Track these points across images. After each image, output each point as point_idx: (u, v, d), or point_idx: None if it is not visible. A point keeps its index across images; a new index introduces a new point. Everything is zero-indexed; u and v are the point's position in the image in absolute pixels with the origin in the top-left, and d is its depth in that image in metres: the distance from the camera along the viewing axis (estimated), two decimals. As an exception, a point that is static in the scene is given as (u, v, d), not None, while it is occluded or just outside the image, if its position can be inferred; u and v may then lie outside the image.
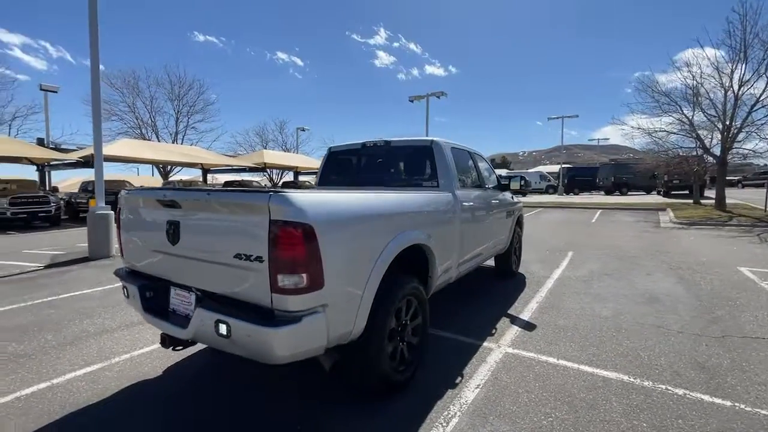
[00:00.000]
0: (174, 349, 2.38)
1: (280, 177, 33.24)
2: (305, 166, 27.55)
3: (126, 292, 2.55)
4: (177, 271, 2.26)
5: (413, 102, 24.33)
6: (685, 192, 22.54)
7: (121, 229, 2.66)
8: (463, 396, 2.56)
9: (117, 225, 2.69)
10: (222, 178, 31.93)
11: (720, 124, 14.63)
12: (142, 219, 2.46)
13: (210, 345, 2.07)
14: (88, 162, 15.59)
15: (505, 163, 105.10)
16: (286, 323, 1.76)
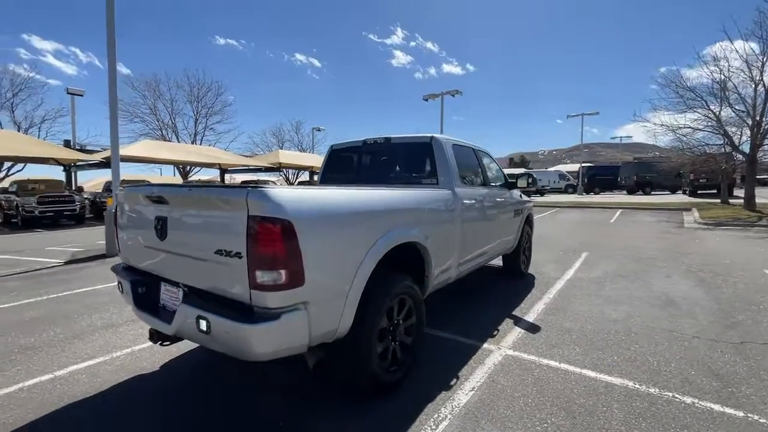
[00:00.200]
0: (161, 345, 2.40)
1: (295, 177, 33.62)
2: (320, 166, 27.72)
3: (121, 288, 2.59)
4: (166, 267, 2.27)
5: (427, 101, 24.13)
6: (713, 191, 21.59)
7: (117, 226, 2.71)
8: (456, 398, 2.48)
9: (114, 222, 2.74)
10: (239, 178, 32.57)
11: (749, 120, 13.92)
12: (135, 215, 2.50)
13: (193, 341, 2.07)
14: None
15: (523, 162, 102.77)
16: (264, 320, 1.74)
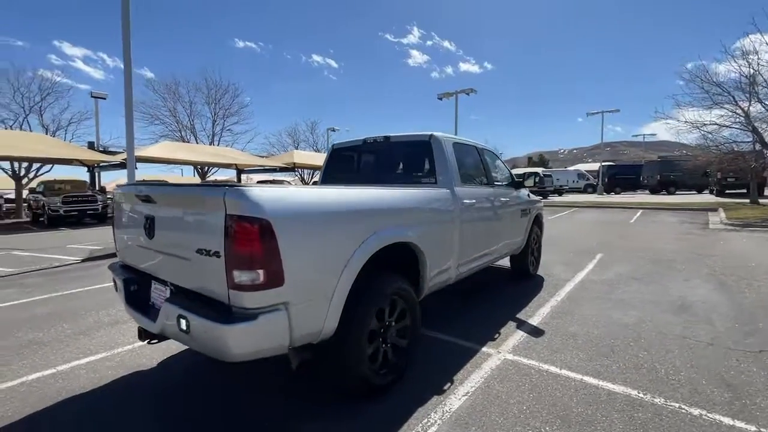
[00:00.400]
0: (149, 343, 2.43)
1: (311, 177, 33.92)
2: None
3: (115, 286, 2.63)
4: (155, 266, 2.29)
5: (442, 100, 23.92)
6: (742, 191, 20.60)
7: (114, 225, 2.75)
8: (448, 403, 2.41)
9: (112, 221, 2.79)
10: (256, 178, 33.08)
11: (781, 116, 13.20)
12: (128, 214, 2.53)
13: (176, 340, 2.07)
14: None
15: (542, 161, 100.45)
16: (242, 320, 1.72)
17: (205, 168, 29.77)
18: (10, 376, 2.87)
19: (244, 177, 29.29)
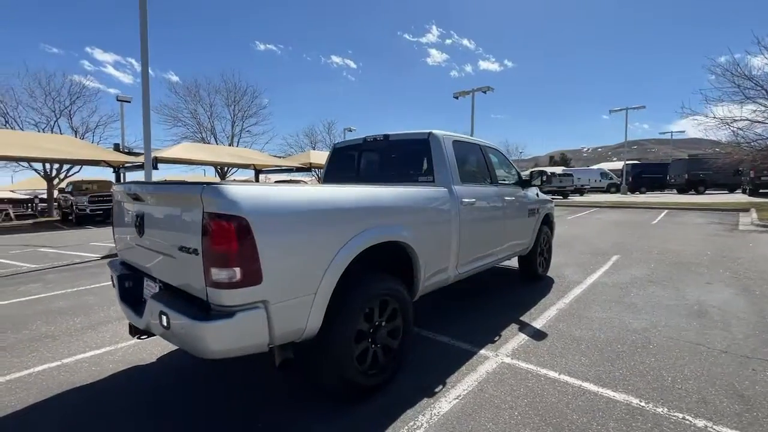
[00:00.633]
0: (139, 338, 2.48)
1: (327, 176, 34.15)
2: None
3: (113, 282, 2.70)
4: (146, 263, 2.33)
5: (458, 98, 23.62)
6: (778, 190, 19.50)
7: (113, 223, 2.83)
8: (437, 406, 2.36)
9: (111, 218, 2.87)
10: (274, 178, 33.60)
11: (820, 110, 12.39)
12: (124, 212, 2.59)
13: (160, 336, 2.10)
14: (155, 165, 17.24)
15: (564, 160, 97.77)
16: (219, 318, 1.72)
17: (225, 168, 30.43)
18: (19, 367, 2.99)
19: (262, 177, 29.78)
